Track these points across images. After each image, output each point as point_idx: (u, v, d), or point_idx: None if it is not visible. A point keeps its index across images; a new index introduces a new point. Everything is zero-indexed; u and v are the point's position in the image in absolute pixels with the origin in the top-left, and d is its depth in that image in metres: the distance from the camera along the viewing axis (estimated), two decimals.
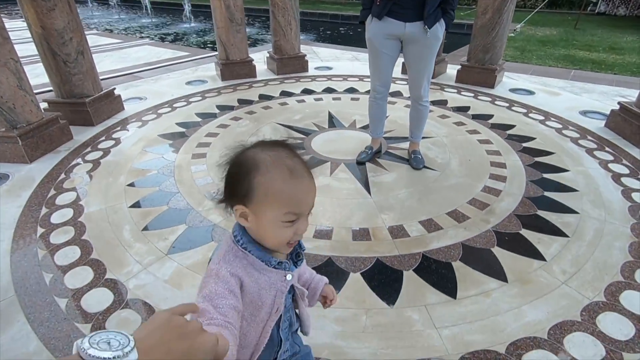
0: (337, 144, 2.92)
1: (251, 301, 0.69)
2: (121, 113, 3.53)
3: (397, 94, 3.95)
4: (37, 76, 4.68)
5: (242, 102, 3.81)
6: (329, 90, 4.16)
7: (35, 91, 4.30)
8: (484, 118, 3.38)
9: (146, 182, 2.42)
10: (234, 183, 0.66)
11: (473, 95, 3.98)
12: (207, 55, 6.36)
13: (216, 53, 4.76)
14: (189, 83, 4.47)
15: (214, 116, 3.47)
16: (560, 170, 2.54)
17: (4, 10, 13.57)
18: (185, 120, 3.36)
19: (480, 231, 1.95)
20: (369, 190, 2.32)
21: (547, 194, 2.27)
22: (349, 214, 2.10)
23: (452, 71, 4.69)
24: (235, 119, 3.42)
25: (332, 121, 3.34)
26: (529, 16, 9.69)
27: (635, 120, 2.92)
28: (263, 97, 3.96)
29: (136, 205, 2.18)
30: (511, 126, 3.21)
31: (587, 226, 1.99)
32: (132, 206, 2.17)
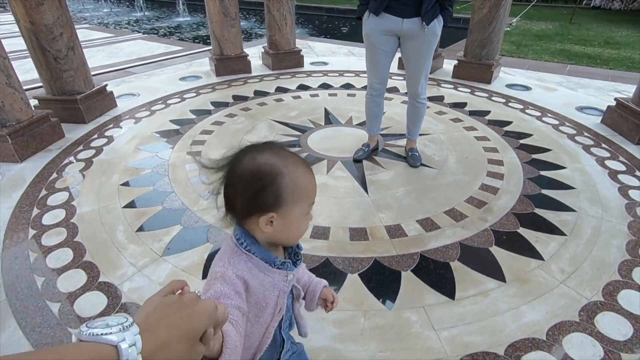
0: (333, 141, 2.89)
1: (256, 302, 0.70)
2: (114, 110, 3.47)
3: (393, 89, 3.92)
4: (27, 71, 4.59)
5: (237, 99, 3.76)
6: (325, 86, 4.12)
7: (26, 87, 4.23)
8: (480, 114, 3.37)
9: (140, 181, 2.38)
10: (259, 195, 0.65)
11: (470, 91, 3.96)
12: (201, 49, 6.27)
13: (210, 47, 4.69)
14: (182, 79, 4.40)
15: (208, 113, 3.42)
16: (558, 167, 2.53)
17: None
18: (180, 118, 3.31)
19: (478, 230, 1.94)
20: (366, 189, 2.30)
21: (545, 191, 2.27)
22: (346, 213, 2.08)
23: (448, 66, 4.66)
24: (230, 115, 3.37)
25: (329, 118, 3.30)
26: (524, 10, 9.66)
27: (631, 116, 2.91)
28: (258, 93, 3.91)
29: (130, 205, 2.15)
30: (508, 122, 3.20)
31: (585, 224, 1.99)
32: (125, 206, 2.14)
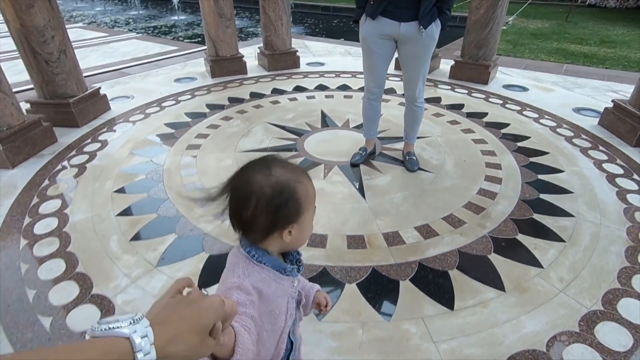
0: (330, 145, 2.87)
1: (270, 311, 0.71)
2: (107, 113, 3.42)
3: (390, 91, 3.89)
4: (19, 73, 4.50)
5: (232, 101, 3.72)
6: (321, 88, 4.09)
7: (19, 89, 4.17)
8: (478, 116, 3.35)
9: (134, 187, 2.34)
10: (282, 210, 0.68)
11: (467, 92, 3.94)
12: (197, 49, 6.21)
13: (205, 48, 4.64)
14: (177, 80, 4.35)
15: (203, 116, 3.38)
16: (555, 170, 2.52)
17: None
18: (175, 121, 3.27)
19: (477, 237, 1.92)
20: (363, 194, 2.27)
21: (543, 196, 2.26)
22: (344, 219, 2.06)
23: (445, 66, 4.65)
24: (226, 118, 3.33)
25: (325, 120, 3.28)
26: (521, 8, 9.65)
27: (629, 118, 2.91)
28: (254, 95, 3.87)
29: (124, 213, 2.11)
30: (505, 125, 3.19)
31: (583, 230, 1.98)
32: (119, 214, 2.10)
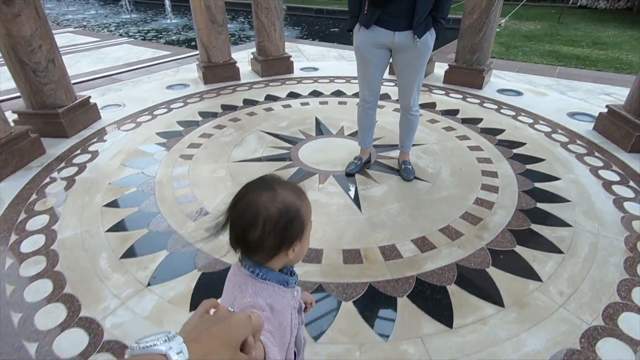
0: (325, 153, 2.83)
1: (280, 325, 0.72)
2: (97, 123, 3.35)
3: (385, 96, 3.87)
4: (7, 80, 4.42)
5: (225, 108, 3.68)
6: (315, 94, 4.05)
7: (6, 97, 4.09)
8: (473, 122, 3.33)
9: (125, 201, 2.29)
10: (289, 229, 0.69)
11: (462, 97, 3.93)
12: (189, 54, 6.15)
13: (198, 52, 4.58)
14: (170, 87, 4.29)
15: (196, 124, 3.33)
16: (552, 178, 2.50)
17: None
18: (166, 130, 3.22)
19: (475, 249, 1.89)
20: (359, 206, 2.24)
21: (540, 205, 2.24)
22: (340, 233, 2.02)
23: (439, 70, 4.63)
24: (219, 127, 3.28)
25: (320, 128, 3.24)
26: (514, 10, 9.70)
27: (623, 124, 2.90)
28: (247, 102, 3.83)
29: (114, 228, 2.06)
30: (501, 131, 3.17)
31: (581, 240, 1.96)
32: (109, 230, 2.05)
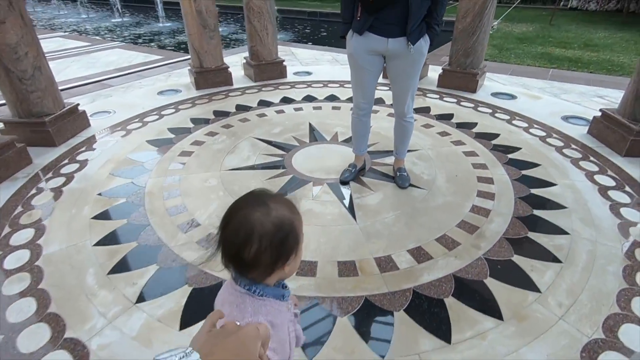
0: (319, 161, 2.79)
1: (279, 340, 0.72)
2: (86, 130, 3.28)
3: (379, 101, 3.83)
4: None
5: (218, 114, 3.62)
6: (309, 99, 4.01)
7: None
8: (468, 127, 3.31)
9: (113, 213, 2.23)
10: (285, 244, 0.68)
11: (456, 101, 3.91)
12: (182, 58, 6.09)
13: (190, 57, 4.53)
14: (161, 93, 4.23)
15: (188, 131, 3.27)
16: (548, 184, 2.48)
17: None
18: (157, 137, 3.16)
19: (472, 260, 1.86)
20: (354, 215, 2.20)
21: (537, 212, 2.21)
22: (334, 244, 1.98)
23: (433, 73, 4.61)
24: (211, 134, 3.23)
25: (314, 134, 3.20)
26: (506, 12, 9.75)
27: (618, 127, 2.90)
28: (240, 108, 3.77)
29: (102, 242, 2.00)
30: (496, 135, 3.15)
31: (579, 248, 1.93)
32: (97, 243, 1.98)
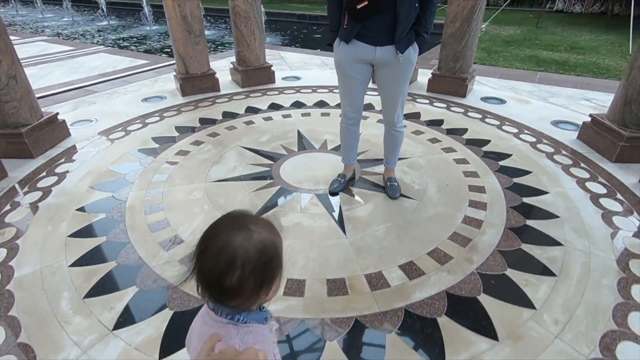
0: (307, 170, 2.71)
1: None
2: (66, 141, 3.16)
3: (368, 107, 3.77)
4: None
5: (204, 122, 3.53)
6: (297, 105, 3.94)
7: None
8: (458, 133, 3.28)
9: (92, 230, 2.12)
10: (269, 267, 0.68)
11: (446, 106, 3.88)
12: (168, 63, 5.97)
13: (175, 63, 4.42)
14: (145, 100, 4.11)
15: (172, 140, 3.17)
16: (539, 192, 2.45)
17: None
18: (140, 147, 3.05)
19: (465, 275, 1.80)
20: (343, 229, 2.13)
21: (529, 222, 2.17)
22: (323, 260, 1.91)
23: (422, 78, 4.58)
24: (197, 143, 3.14)
25: (302, 142, 3.12)
26: (494, 15, 9.81)
27: (607, 133, 2.88)
28: (227, 115, 3.69)
29: (79, 262, 1.89)
30: (486, 141, 3.12)
31: (573, 260, 1.89)
32: (73, 264, 1.88)
